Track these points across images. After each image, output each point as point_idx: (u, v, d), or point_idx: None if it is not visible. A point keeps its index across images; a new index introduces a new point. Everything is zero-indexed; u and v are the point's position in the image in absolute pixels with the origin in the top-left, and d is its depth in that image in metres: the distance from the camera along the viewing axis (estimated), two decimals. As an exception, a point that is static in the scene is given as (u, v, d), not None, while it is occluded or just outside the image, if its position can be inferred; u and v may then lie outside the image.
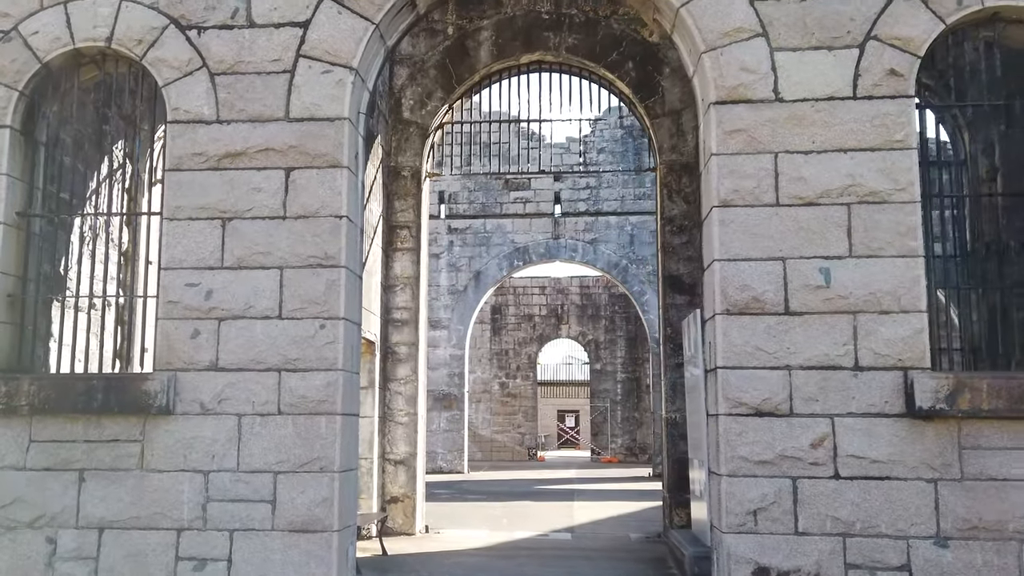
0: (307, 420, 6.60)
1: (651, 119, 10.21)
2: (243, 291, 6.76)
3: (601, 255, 22.76)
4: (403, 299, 10.22)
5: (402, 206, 10.34)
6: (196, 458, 6.62)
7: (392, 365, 10.12)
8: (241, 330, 6.73)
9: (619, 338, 31.08)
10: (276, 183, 6.86)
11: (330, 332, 6.68)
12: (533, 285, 31.94)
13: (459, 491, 16.54)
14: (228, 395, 6.66)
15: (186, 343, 6.74)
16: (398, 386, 10.11)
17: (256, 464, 6.58)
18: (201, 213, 6.87)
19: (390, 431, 10.04)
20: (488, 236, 23.22)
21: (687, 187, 10.01)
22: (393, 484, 9.96)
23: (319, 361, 6.65)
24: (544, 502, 14.35)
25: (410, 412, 10.10)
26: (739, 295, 6.39)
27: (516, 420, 31.32)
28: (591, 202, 23.04)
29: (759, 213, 6.48)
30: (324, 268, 6.74)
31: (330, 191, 6.82)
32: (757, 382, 6.28)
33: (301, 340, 6.68)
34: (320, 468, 6.55)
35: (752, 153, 6.55)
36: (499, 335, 31.63)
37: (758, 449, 6.22)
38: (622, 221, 22.83)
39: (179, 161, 6.94)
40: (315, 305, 6.71)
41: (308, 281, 6.74)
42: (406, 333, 10.18)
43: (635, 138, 23.09)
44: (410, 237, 10.31)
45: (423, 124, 10.48)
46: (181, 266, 6.83)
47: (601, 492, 16.52)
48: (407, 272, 10.26)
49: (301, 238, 6.78)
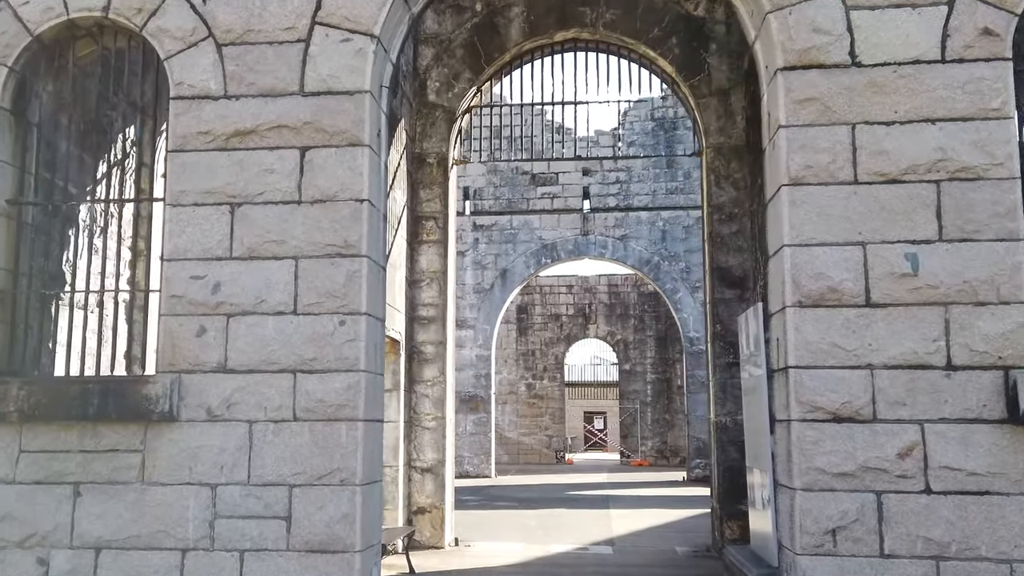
0: (325, 427, 5.92)
1: (696, 99, 9.45)
2: (254, 284, 6.09)
3: (632, 252, 21.97)
4: (429, 295, 9.52)
5: (428, 195, 9.64)
6: (202, 470, 5.96)
7: (418, 366, 9.42)
8: (252, 327, 6.05)
9: (649, 338, 30.25)
10: (290, 164, 6.18)
11: (351, 329, 5.99)
12: (560, 284, 31.17)
13: (488, 497, 15.84)
14: (238, 399, 5.99)
15: (191, 342, 6.08)
16: (425, 388, 9.41)
17: (269, 476, 5.91)
18: (207, 198, 6.20)
19: (416, 437, 9.35)
20: (514, 233, 22.50)
21: (736, 172, 9.24)
22: (420, 494, 9.27)
23: (339, 361, 5.96)
24: (578, 509, 13.61)
25: (438, 416, 9.40)
26: (813, 285, 5.62)
27: (543, 422, 30.58)
28: (621, 197, 22.27)
29: (835, 192, 5.71)
30: (344, 258, 6.05)
31: (350, 172, 6.13)
32: (835, 383, 5.51)
33: (318, 338, 6.00)
34: (340, 481, 5.86)
35: (826, 124, 5.78)
36: (525, 335, 30.89)
37: (837, 460, 5.45)
38: (653, 216, 22.03)
39: (183, 141, 6.27)
40: (334, 299, 6.02)
41: (326, 272, 6.05)
42: (433, 331, 9.47)
43: (666, 130, 22.28)
44: (436, 228, 9.60)
45: (450, 108, 9.78)
46: (185, 257, 6.17)
47: (637, 499, 15.75)
48: (433, 266, 9.56)
49: (318, 224, 6.10)
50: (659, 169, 22.20)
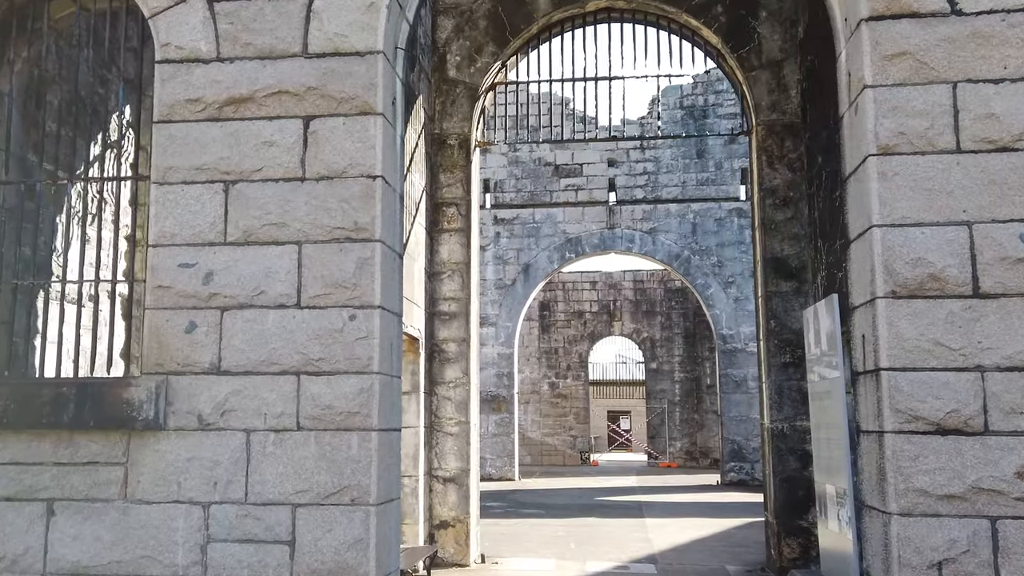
0: (334, 437, 5.11)
1: (744, 73, 8.56)
2: (251, 273, 5.28)
3: (661, 246, 21.06)
4: (451, 288, 8.69)
5: (448, 180, 8.82)
6: (193, 486, 5.16)
7: (439, 366, 8.61)
8: (249, 322, 5.25)
9: (676, 335, 29.32)
10: (292, 135, 5.37)
11: (362, 324, 5.17)
12: (584, 280, 30.30)
13: (513, 504, 15.01)
14: (233, 405, 5.19)
15: (180, 339, 5.28)
16: (446, 390, 8.60)
17: (269, 494, 5.11)
18: (198, 175, 5.41)
19: (438, 443, 8.54)
20: (537, 227, 21.65)
21: (791, 152, 8.34)
22: (442, 506, 8.46)
23: (348, 362, 5.15)
24: (611, 519, 12.76)
25: (461, 420, 8.58)
26: (910, 272, 4.74)
27: (567, 422, 29.73)
28: (649, 189, 21.35)
29: (934, 162, 4.82)
30: (354, 243, 5.24)
31: (360, 144, 5.31)
32: (938, 389, 4.63)
33: (325, 335, 5.18)
34: (351, 500, 5.05)
35: (922, 83, 4.90)
36: (548, 333, 30.05)
37: (942, 479, 4.57)
38: (683, 209, 21.10)
39: (170, 110, 5.48)
40: (343, 290, 5.21)
41: (334, 259, 5.24)
42: (455, 328, 8.65)
43: (696, 119, 21.34)
44: (458, 216, 8.78)
45: (472, 84, 8.95)
46: (173, 242, 5.37)
47: (672, 506, 14.87)
48: (455, 257, 8.73)
49: (324, 205, 5.28)
50: (689, 159, 21.27)
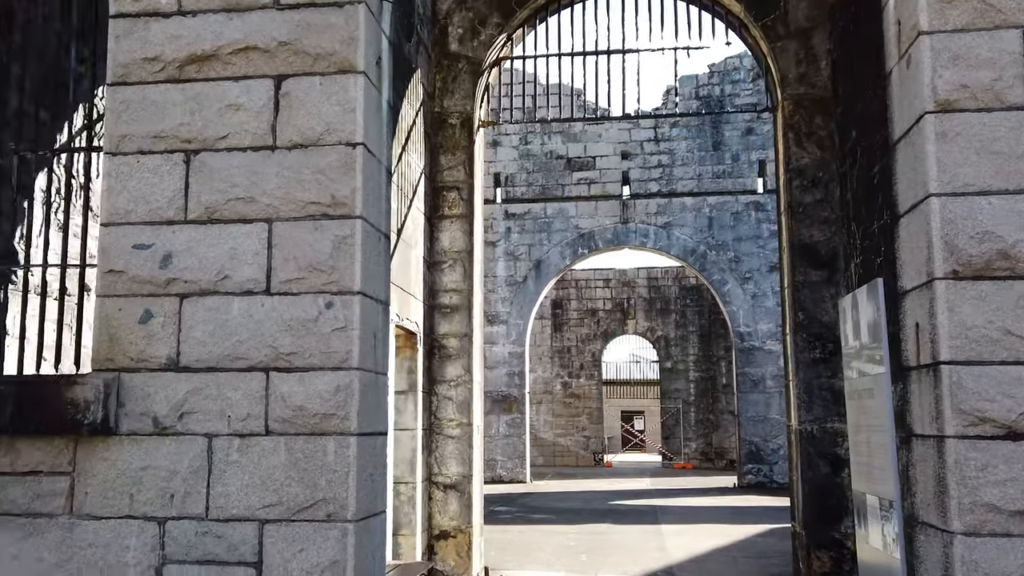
0: (307, 443, 4.46)
1: (770, 43, 7.86)
2: (215, 254, 4.65)
3: (676, 241, 20.35)
4: (452, 279, 8.04)
5: (449, 162, 8.17)
6: (147, 499, 4.53)
7: (439, 363, 7.96)
8: (211, 311, 4.61)
9: (691, 334, 28.59)
10: (261, 98, 4.73)
11: (340, 313, 4.52)
12: (596, 277, 29.62)
13: (523, 508, 14.35)
14: (193, 406, 4.56)
15: (133, 331, 4.65)
16: (447, 389, 7.94)
17: (233, 508, 4.46)
18: (156, 144, 4.77)
19: (438, 447, 7.89)
20: (549, 222, 20.98)
21: (821, 128, 7.64)
22: (442, 515, 7.81)
23: (324, 356, 4.50)
24: (625, 525, 12.08)
25: (463, 422, 7.92)
26: (975, 248, 4.05)
27: (580, 422, 29.06)
28: (664, 182, 20.65)
29: (1002, 121, 4.13)
30: (331, 220, 4.59)
31: (338, 108, 4.66)
32: (1009, 385, 3.94)
33: (298, 325, 4.54)
34: (327, 515, 4.40)
35: (988, 28, 4.21)
36: (560, 331, 29.38)
37: (1015, 493, 3.89)
38: (699, 202, 20.38)
39: (125, 71, 4.84)
40: (318, 273, 4.56)
41: (308, 238, 4.59)
42: (457, 322, 8.00)
43: (712, 109, 20.60)
44: (460, 201, 8.13)
45: (475, 58, 8.29)
46: (127, 220, 4.74)
47: (688, 511, 14.17)
48: (457, 245, 8.08)
49: (297, 176, 4.64)
50: (704, 151, 20.55)
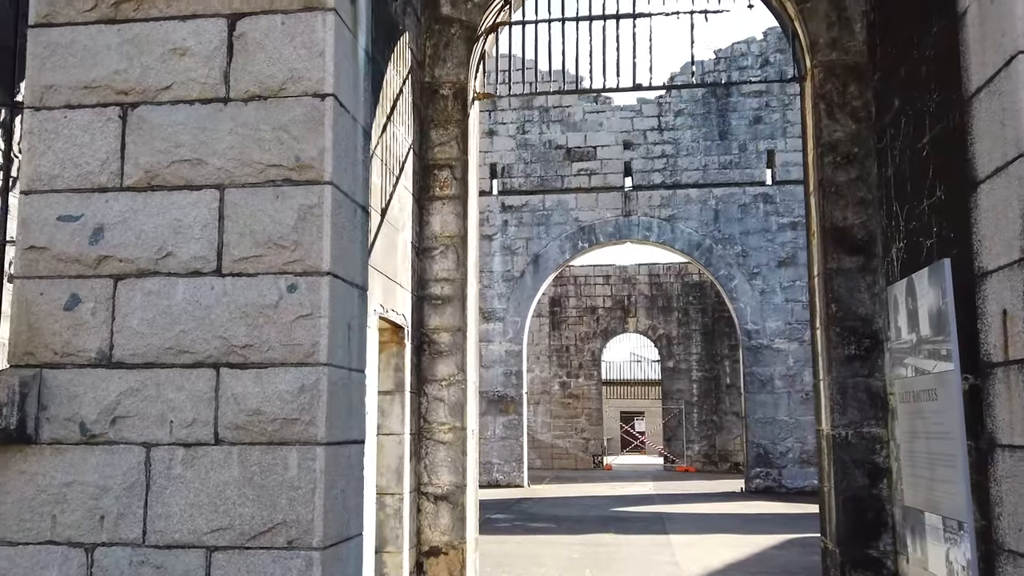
0: (264, 455, 3.69)
1: (797, 5, 7.09)
2: (155, 228, 3.87)
3: (680, 234, 19.58)
4: (444, 267, 7.26)
5: (441, 137, 7.39)
6: (73, 521, 3.75)
7: (429, 360, 7.19)
8: (151, 296, 3.84)
9: (694, 332, 27.82)
10: (212, 40, 3.95)
11: (305, 297, 3.75)
12: (596, 274, 28.86)
13: (521, 516, 13.57)
14: (128, 410, 3.78)
15: (58, 319, 3.87)
16: (438, 390, 7.17)
17: (175, 532, 3.69)
18: (87, 96, 3.99)
19: (428, 454, 7.11)
20: (547, 214, 20.19)
21: (856, 99, 6.87)
22: (433, 529, 7.03)
23: (286, 349, 3.73)
24: (630, 534, 11.31)
25: (455, 426, 7.14)
26: (1088, 213, 3.28)
27: (579, 424, 28.31)
28: (667, 173, 19.87)
29: (1117, 56, 3.37)
30: (295, 186, 3.82)
31: (304, 52, 3.88)
32: None
33: (255, 312, 3.77)
34: (287, 541, 3.63)
35: (1096, -56, 3.44)
36: (559, 329, 28.61)
37: None
38: (704, 194, 19.61)
39: (50, 9, 4.07)
40: (279, 250, 3.79)
41: (267, 209, 3.82)
42: (449, 315, 7.22)
43: (719, 97, 19.84)
44: (453, 180, 7.35)
45: (469, 23, 7.51)
46: (52, 187, 3.96)
47: (697, 518, 13.39)
48: (449, 229, 7.30)
49: (255, 134, 3.87)
50: (710, 141, 19.78)
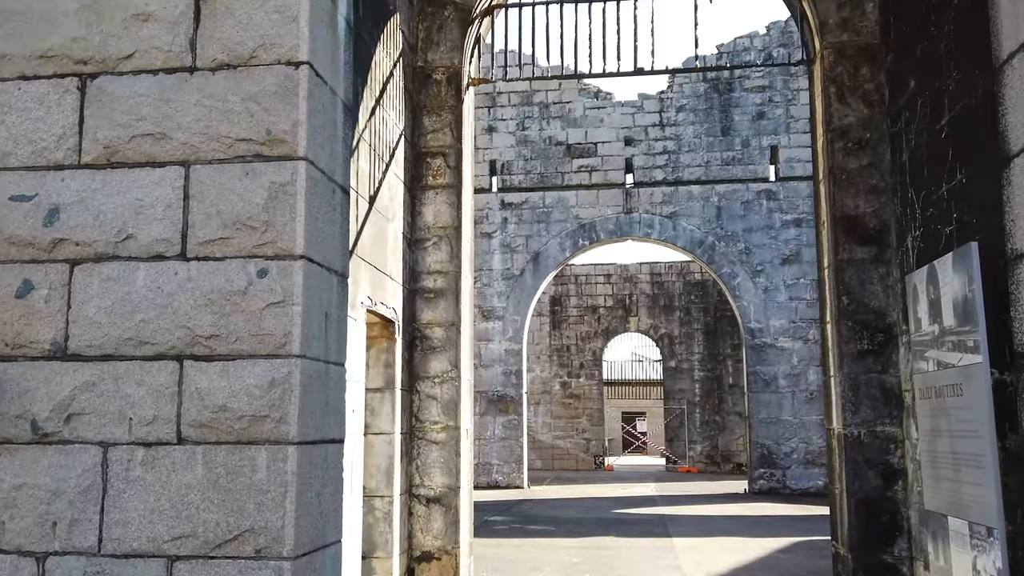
0: (231, 455, 3.38)
1: (806, -16, 6.77)
2: (115, 208, 3.56)
3: (682, 232, 19.26)
4: (437, 259, 6.95)
5: (434, 124, 7.08)
6: (22, 528, 3.44)
7: (422, 356, 6.87)
8: (110, 282, 3.52)
9: (696, 331, 27.51)
10: (177, 6, 3.64)
11: (277, 283, 3.44)
12: (597, 272, 28.55)
13: (520, 518, 13.25)
14: (84, 406, 3.47)
15: (9, 307, 3.56)
16: (431, 387, 6.86)
17: (134, 540, 3.38)
18: (43, 67, 3.68)
19: (420, 454, 6.80)
20: (547, 212, 19.88)
21: (868, 81, 6.55)
22: (425, 533, 6.72)
23: (256, 340, 3.42)
24: (632, 537, 10.99)
25: (448, 425, 6.82)
26: None
27: (580, 424, 27.99)
28: (669, 169, 19.56)
29: None
30: (267, 162, 3.51)
31: (276, 16, 3.57)
32: None
33: (222, 300, 3.46)
34: (255, 551, 3.32)
35: None
36: (559, 329, 28.29)
37: None
38: (707, 191, 19.29)
39: (3, -29, 3.76)
40: (249, 232, 3.48)
41: (236, 187, 3.51)
42: (442, 309, 6.91)
43: (721, 92, 19.53)
44: (446, 169, 7.04)
45: (464, 5, 7.19)
46: (4, 165, 3.66)
47: (700, 520, 13.07)
48: (442, 220, 6.99)
49: (223, 106, 3.56)
50: (713, 137, 19.46)
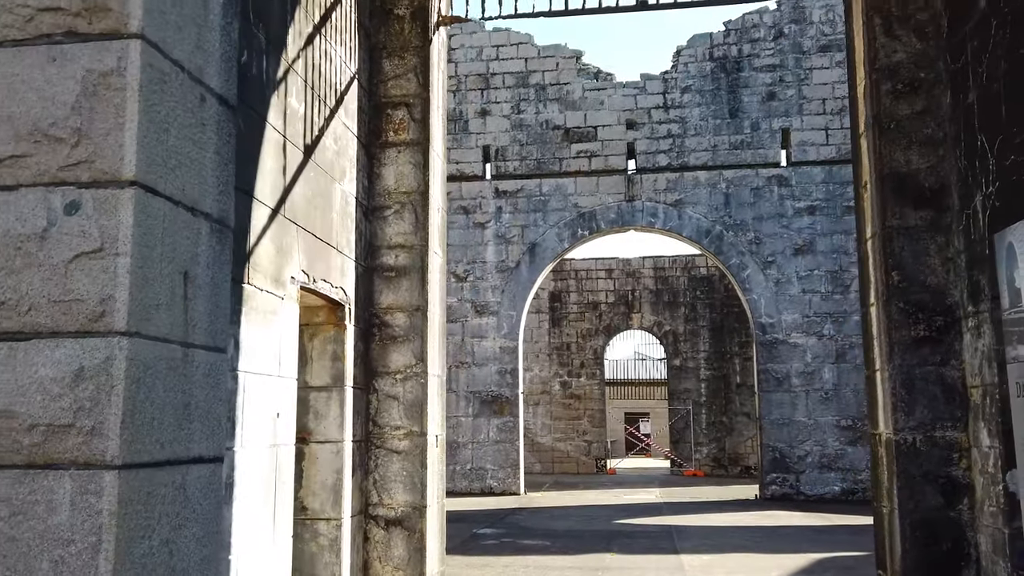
0: (16, 486, 2.20)
1: None
2: None
3: (688, 220, 18.07)
4: (399, 230, 5.78)
5: (396, 68, 5.90)
6: None
7: (381, 348, 5.70)
8: None
9: (702, 328, 26.34)
10: None
11: (91, 224, 2.26)
12: (598, 267, 27.38)
13: (512, 530, 12.06)
14: None
15: None
16: (391, 385, 5.67)
17: None
18: None
19: (379, 466, 5.62)
20: (544, 200, 18.69)
21: (920, 10, 5.35)
22: (384, 562, 5.53)
23: (57, 310, 2.24)
24: (636, 554, 9.81)
25: (413, 431, 5.64)
26: None
27: (581, 426, 26.81)
28: (674, 154, 18.36)
29: None
30: (81, 42, 2.33)
31: None
32: None
33: (9, 248, 2.28)
34: (52, 634, 2.13)
35: None
36: (559, 326, 27.12)
37: None
38: (714, 177, 18.10)
39: None
40: (52, 146, 2.30)
41: (36, 78, 2.34)
42: (405, 290, 5.73)
43: (728, 72, 18.34)
44: (410, 122, 5.86)
45: (432, -73, 6.03)
46: None
47: (711, 532, 11.88)
48: (406, 183, 5.81)
49: (20, -40, 2.37)
50: (720, 119, 18.27)
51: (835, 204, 17.70)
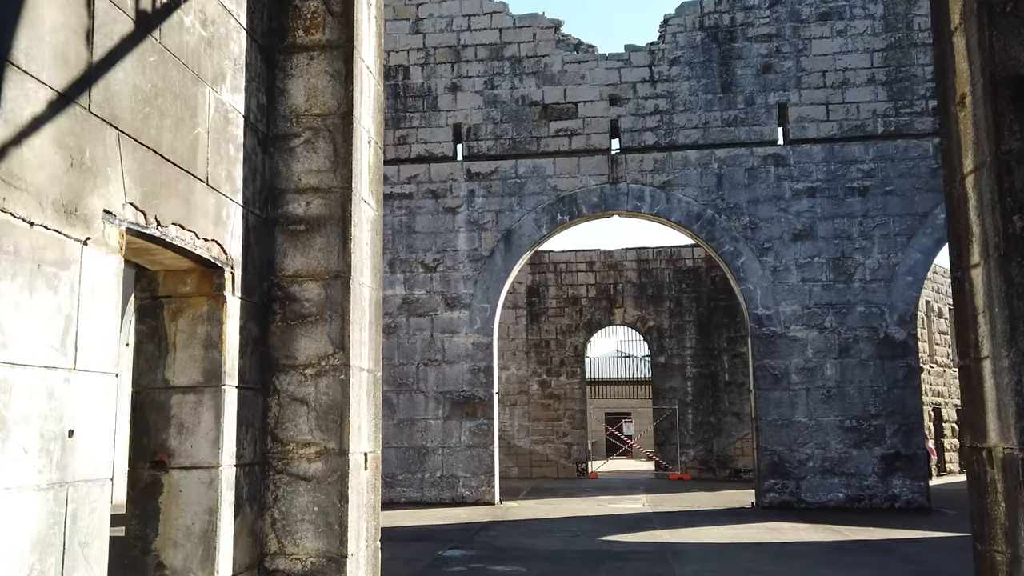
0: None
1: None
2: None
3: (677, 204, 16.53)
4: (311, 166, 4.16)
5: (308, -58, 4.28)
6: None
7: (284, 330, 4.07)
8: None
9: (688, 324, 24.85)
10: None
11: None
12: (578, 259, 25.82)
13: (483, 552, 10.44)
14: None
15: None
16: (299, 383, 4.05)
17: None
18: None
19: (280, 499, 3.99)
20: (521, 183, 17.08)
21: None
22: (287, 634, 3.91)
23: None
24: (626, 584, 8.25)
25: (329, 449, 4.01)
26: None
27: (560, 427, 25.24)
28: (661, 132, 16.81)
29: None
30: None
31: None
32: None
33: None
34: None
35: None
36: (537, 322, 25.55)
37: None
38: (705, 156, 16.57)
39: None
40: None
41: None
42: (319, 250, 4.12)
43: (720, 42, 16.81)
44: (327, 16, 4.24)
45: None
46: None
47: (713, 552, 10.31)
48: (321, 102, 4.19)
49: None
50: (711, 94, 16.73)
51: (837, 185, 16.21)
